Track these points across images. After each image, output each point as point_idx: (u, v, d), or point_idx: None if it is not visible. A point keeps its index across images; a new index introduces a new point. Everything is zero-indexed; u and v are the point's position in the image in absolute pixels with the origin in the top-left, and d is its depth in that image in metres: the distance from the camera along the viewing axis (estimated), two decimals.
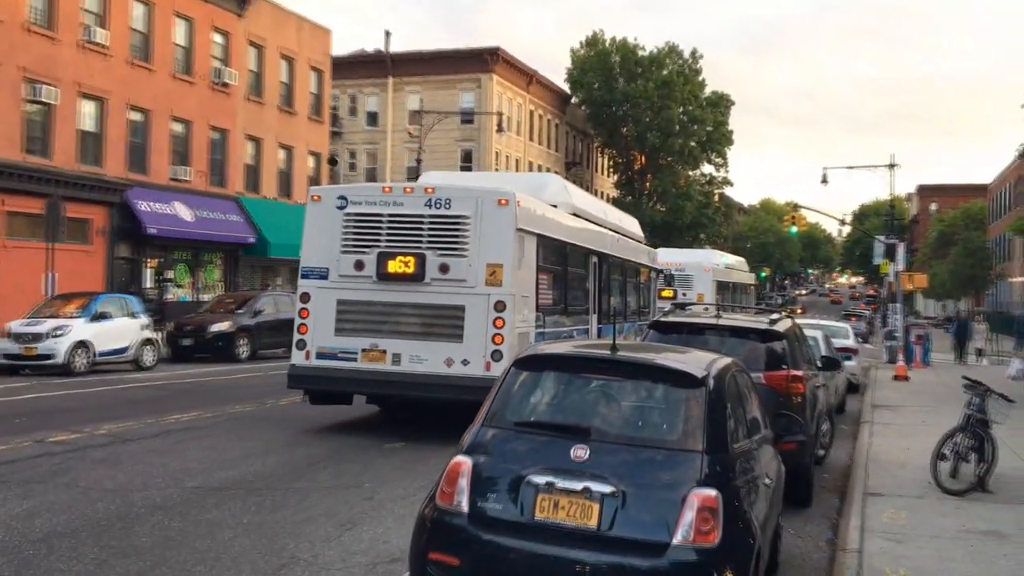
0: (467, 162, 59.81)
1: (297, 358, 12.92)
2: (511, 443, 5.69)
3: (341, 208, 12.92)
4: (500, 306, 12.20)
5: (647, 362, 6.15)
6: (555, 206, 15.28)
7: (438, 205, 12.56)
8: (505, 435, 5.74)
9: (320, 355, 12.82)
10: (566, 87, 72.14)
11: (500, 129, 52.71)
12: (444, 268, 12.45)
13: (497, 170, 58.02)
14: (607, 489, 5.35)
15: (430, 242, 12.55)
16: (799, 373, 10.20)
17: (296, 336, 12.96)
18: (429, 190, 12.63)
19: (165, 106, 31.09)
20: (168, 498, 8.90)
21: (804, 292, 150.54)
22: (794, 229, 45.76)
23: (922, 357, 32.53)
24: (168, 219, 30.18)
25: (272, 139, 37.58)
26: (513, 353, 11.62)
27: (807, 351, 11.87)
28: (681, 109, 72.96)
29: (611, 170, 79.98)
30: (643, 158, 75.40)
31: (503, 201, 12.54)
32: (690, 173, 79.24)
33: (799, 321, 17.44)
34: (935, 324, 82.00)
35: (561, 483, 5.41)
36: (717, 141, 76.21)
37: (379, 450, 11.71)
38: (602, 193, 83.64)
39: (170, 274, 31.73)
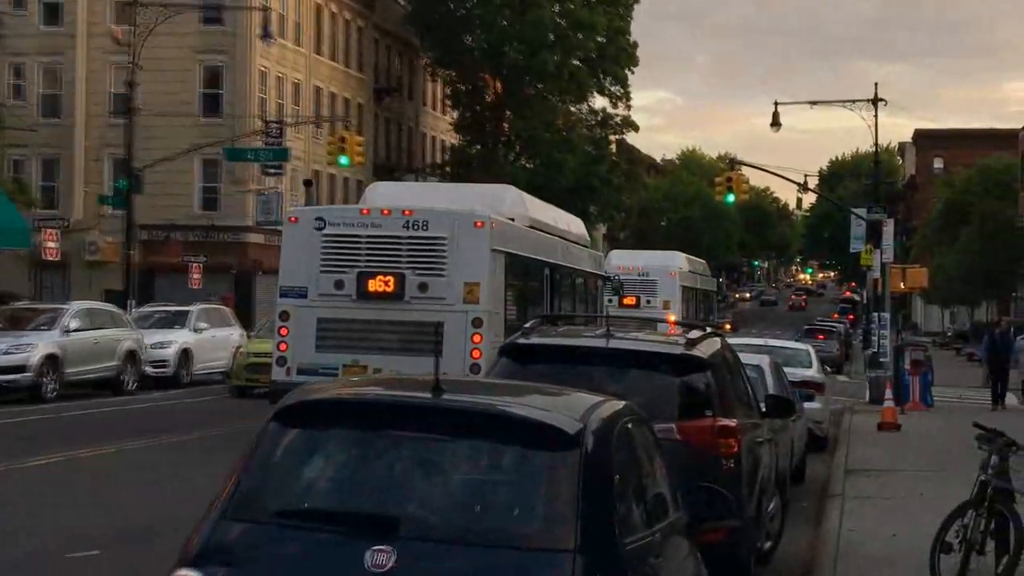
0: (213, 86, 59.42)
1: (278, 374, 20.61)
2: (270, 546, 5.70)
3: (319, 229, 20.66)
4: (478, 322, 19.80)
5: (489, 410, 6.22)
6: (512, 219, 23.19)
7: (416, 227, 20.42)
8: (261, 532, 5.75)
9: (301, 371, 20.17)
10: None
11: (267, 36, 52.61)
12: (423, 287, 20.29)
13: (263, 98, 59.19)
14: None
15: (409, 262, 20.37)
16: (731, 423, 10.67)
17: (276, 353, 20.90)
18: (407, 212, 20.60)
19: None
20: None
21: (748, 295, 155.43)
22: (731, 197, 47.14)
23: (921, 394, 33.76)
24: None
25: None
26: (489, 366, 14.12)
27: (745, 388, 12.38)
28: (557, 8, 74.56)
29: (448, 103, 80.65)
30: (498, 85, 76.40)
31: (479, 224, 20.56)
32: (572, 109, 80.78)
33: (734, 341, 18.26)
34: (941, 343, 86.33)
35: None
36: (614, 59, 77.99)
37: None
38: (434, 139, 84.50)
39: None
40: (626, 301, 39.30)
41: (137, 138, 47.29)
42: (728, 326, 63.88)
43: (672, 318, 25.48)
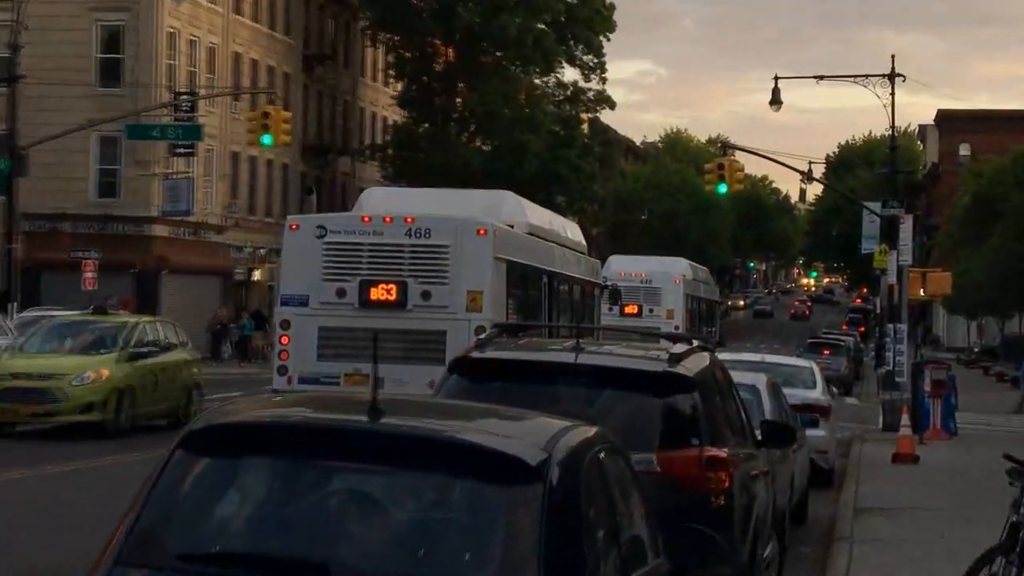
0: (112, 51, 58.85)
1: (279, 383, 23.12)
2: None
3: (320, 237, 23.27)
4: (480, 331, 19.37)
5: (437, 436, 6.29)
6: (511, 226, 26.08)
7: (418, 234, 23.08)
8: None
9: (303, 379, 22.88)
10: None
11: None
12: (426, 295, 22.96)
13: (171, 65, 59.04)
14: None
15: (411, 270, 23.10)
16: (721, 453, 10.67)
17: (277, 362, 23.51)
18: (409, 220, 23.22)
19: None
20: None
21: (742, 302, 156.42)
22: (723, 187, 47.19)
23: (943, 421, 33.93)
24: None
25: None
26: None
27: (738, 412, 12.39)
28: None
29: (391, 73, 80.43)
30: (450, 52, 76.40)
31: (482, 231, 23.25)
32: (537, 82, 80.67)
33: (725, 358, 18.00)
34: (966, 360, 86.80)
35: None
36: (586, 23, 78.24)
37: None
38: (375, 115, 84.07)
39: None
40: (627, 310, 44.75)
41: (21, 111, 46.84)
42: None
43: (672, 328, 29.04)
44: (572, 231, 34.27)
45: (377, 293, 23.22)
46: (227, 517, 6.03)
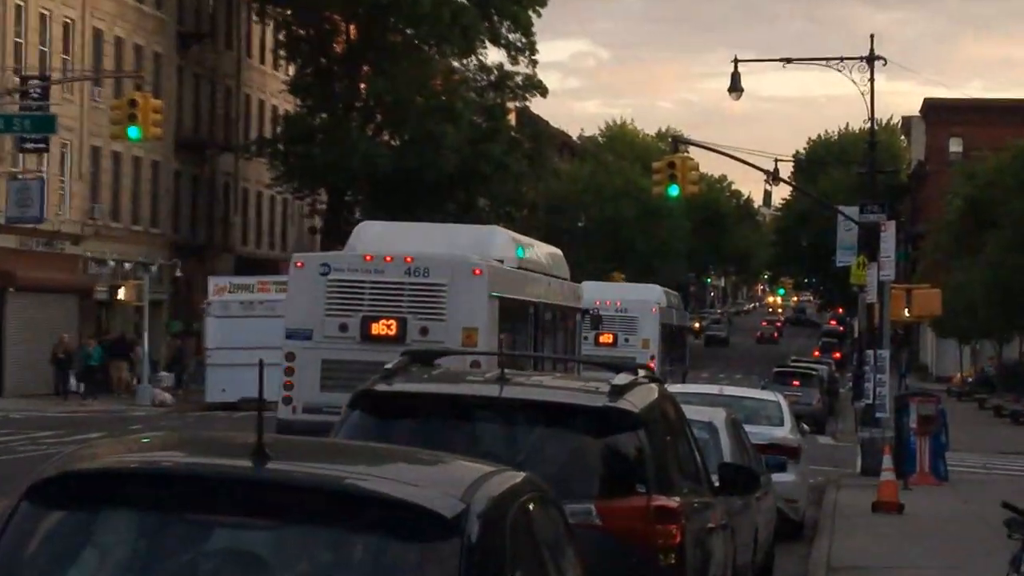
0: None
1: (283, 412, 28.65)
2: None
3: (324, 274, 29.22)
4: (476, 365, 24.61)
5: (333, 485, 6.25)
6: (502, 261, 32.54)
7: (416, 273, 29.11)
8: None
9: (306, 409, 28.11)
10: None
11: None
12: (424, 331, 28.55)
13: (19, 43, 59.07)
14: None
15: (410, 307, 29.03)
16: (672, 503, 10.72)
17: (282, 392, 28.90)
18: (408, 259, 29.21)
19: None
20: None
21: (696, 324, 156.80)
22: (675, 190, 47.34)
23: (932, 463, 34.17)
24: None
25: None
26: None
27: (692, 454, 12.48)
28: None
29: (281, 55, 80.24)
30: (352, 30, 76.41)
31: (477, 271, 29.34)
32: (456, 65, 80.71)
33: (677, 390, 18.08)
34: (958, 392, 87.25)
35: None
36: None
37: None
38: (262, 104, 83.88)
39: None
40: (602, 339, 52.87)
41: None
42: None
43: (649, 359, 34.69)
44: (556, 259, 41.51)
45: (378, 328, 29.37)
46: None
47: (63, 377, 60.17)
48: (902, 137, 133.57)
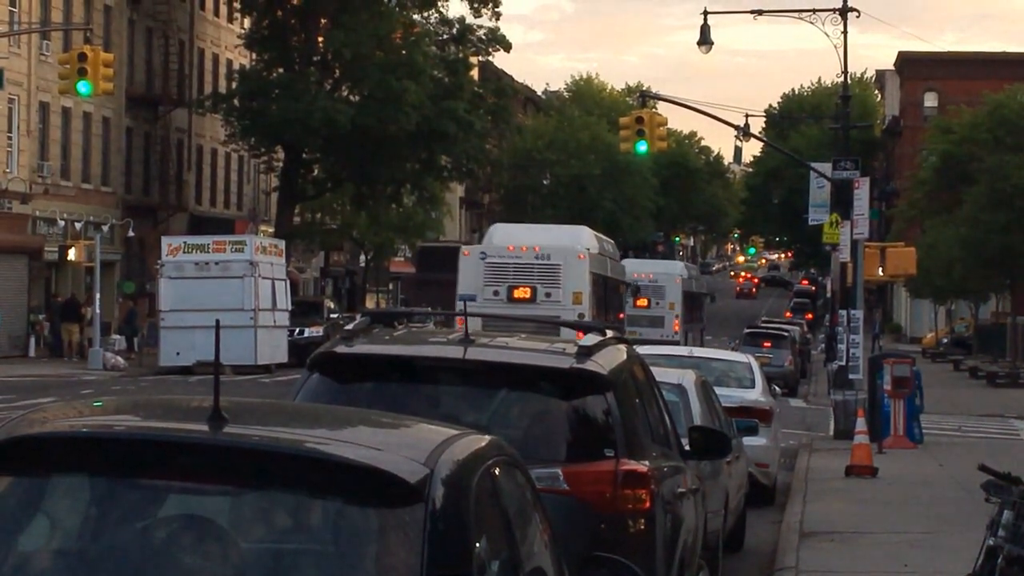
0: None
1: None
2: None
3: (483, 259, 50.64)
4: (580, 316, 43.41)
5: (292, 449, 6.21)
6: (588, 249, 52.30)
7: (541, 257, 50.36)
8: None
9: None
10: None
11: None
12: (548, 294, 49.65)
13: None
14: None
15: (539, 279, 50.05)
16: (641, 467, 10.74)
17: None
18: (536, 248, 50.86)
19: None
20: None
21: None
22: (643, 146, 47.44)
23: (906, 426, 34.21)
24: None
25: None
26: None
27: (662, 417, 12.47)
28: None
29: (236, 7, 79.92)
30: None
31: (581, 256, 50.92)
32: (416, 17, 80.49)
33: (646, 351, 18.10)
34: (933, 353, 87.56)
35: None
36: None
37: None
38: (216, 58, 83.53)
39: None
40: (639, 303, 66.93)
41: None
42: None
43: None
44: (615, 248, 62.33)
45: (518, 293, 48.38)
46: (33, 551, 5.94)
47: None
48: (876, 91, 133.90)
